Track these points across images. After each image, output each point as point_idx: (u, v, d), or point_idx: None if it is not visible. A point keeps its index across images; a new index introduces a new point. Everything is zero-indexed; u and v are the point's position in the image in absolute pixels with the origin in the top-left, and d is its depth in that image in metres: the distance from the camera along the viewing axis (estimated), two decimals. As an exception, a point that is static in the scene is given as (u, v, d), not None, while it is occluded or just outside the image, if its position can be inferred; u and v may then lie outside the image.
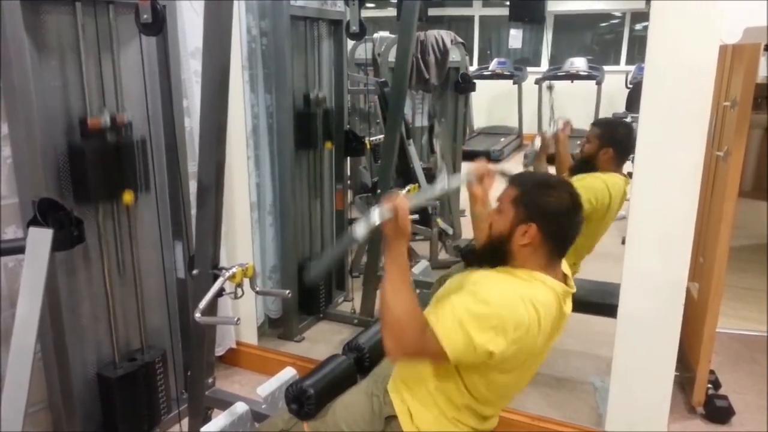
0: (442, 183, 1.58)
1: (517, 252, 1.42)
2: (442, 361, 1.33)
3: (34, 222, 1.72)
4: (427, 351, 1.33)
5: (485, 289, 1.34)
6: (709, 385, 2.57)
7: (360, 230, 1.32)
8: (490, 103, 8.44)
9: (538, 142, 2.55)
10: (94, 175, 2.01)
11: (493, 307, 1.30)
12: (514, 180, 1.49)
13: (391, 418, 1.51)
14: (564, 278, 1.48)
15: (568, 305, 1.46)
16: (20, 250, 1.57)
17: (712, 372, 2.61)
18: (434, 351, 1.31)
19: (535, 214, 1.40)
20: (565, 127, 2.61)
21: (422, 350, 1.33)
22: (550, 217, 1.40)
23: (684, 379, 2.66)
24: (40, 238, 1.49)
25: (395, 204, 1.34)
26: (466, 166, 4.66)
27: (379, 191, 3.21)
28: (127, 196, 2.14)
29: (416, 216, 3.62)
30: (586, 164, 2.54)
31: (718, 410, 2.51)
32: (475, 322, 1.29)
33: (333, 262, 1.31)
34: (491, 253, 1.47)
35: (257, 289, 1.96)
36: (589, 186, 2.38)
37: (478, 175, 1.68)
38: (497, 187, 1.62)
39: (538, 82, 7.73)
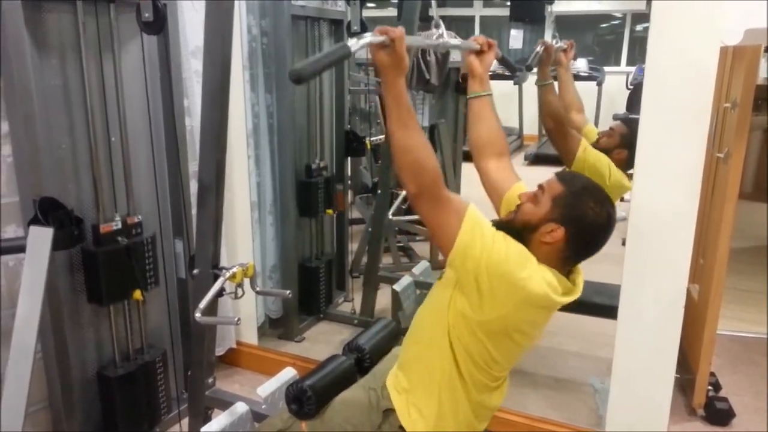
0: (442, 35, 1.53)
1: (535, 246, 1.39)
2: (453, 229, 1.31)
3: (34, 221, 1.73)
4: (448, 199, 1.33)
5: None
6: (710, 387, 2.57)
7: (354, 43, 1.24)
8: (491, 103, 8.42)
9: (541, 48, 2.46)
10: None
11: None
12: (563, 177, 1.44)
13: (389, 411, 1.50)
14: (573, 274, 1.46)
15: (571, 296, 1.42)
16: (21, 249, 1.57)
17: (712, 374, 2.61)
18: (457, 203, 1.33)
19: (568, 219, 1.37)
20: (569, 49, 2.53)
21: (443, 195, 1.33)
22: (582, 228, 1.38)
23: (684, 381, 2.65)
24: (41, 237, 1.49)
25: (392, 31, 1.29)
26: (466, 167, 4.66)
27: (379, 191, 3.21)
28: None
29: (416, 216, 3.62)
30: None
31: (718, 412, 2.51)
32: (491, 236, 1.32)
33: (324, 68, 1.24)
34: (510, 233, 1.42)
35: (257, 289, 1.96)
36: (599, 162, 2.34)
37: (479, 43, 1.66)
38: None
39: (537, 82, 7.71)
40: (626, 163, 2.46)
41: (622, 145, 2.40)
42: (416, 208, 1.38)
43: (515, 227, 1.42)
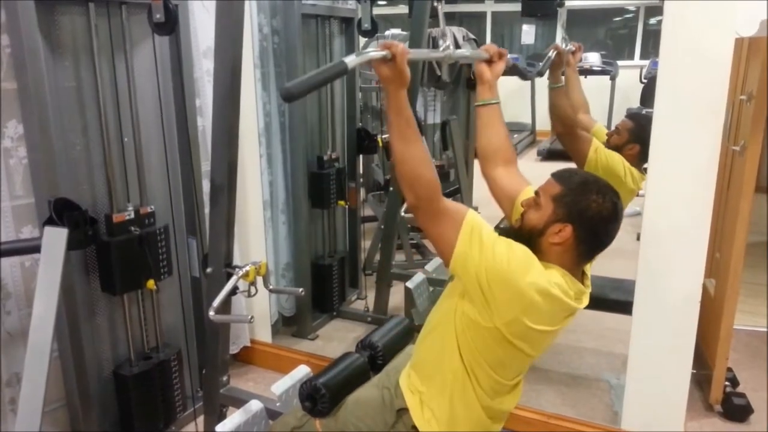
0: (448, 47, 1.51)
1: (546, 249, 1.38)
2: (450, 239, 1.32)
3: (49, 221, 1.75)
4: (445, 210, 1.33)
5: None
6: (727, 383, 2.54)
7: (352, 59, 1.25)
8: (503, 99, 8.25)
9: (552, 53, 2.46)
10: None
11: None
12: (559, 176, 1.43)
13: (403, 411, 1.50)
14: (582, 277, 1.45)
15: (583, 302, 1.43)
16: (36, 249, 1.59)
17: (729, 369, 2.59)
18: (454, 213, 1.33)
19: (573, 216, 1.35)
20: (577, 51, 2.54)
21: (440, 207, 1.33)
22: (589, 222, 1.36)
23: (701, 377, 2.63)
24: (56, 238, 1.50)
25: (394, 46, 1.29)
26: (478, 164, 4.65)
27: (391, 188, 3.21)
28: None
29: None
30: None
31: (736, 408, 2.48)
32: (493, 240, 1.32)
33: (317, 85, 1.24)
34: (518, 240, 1.40)
35: (270, 287, 1.97)
36: (612, 161, 2.33)
37: (489, 53, 1.64)
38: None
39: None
40: (640, 158, 2.44)
41: (632, 140, 2.39)
42: (416, 219, 1.38)
43: (523, 235, 1.41)
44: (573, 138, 2.35)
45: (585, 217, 1.35)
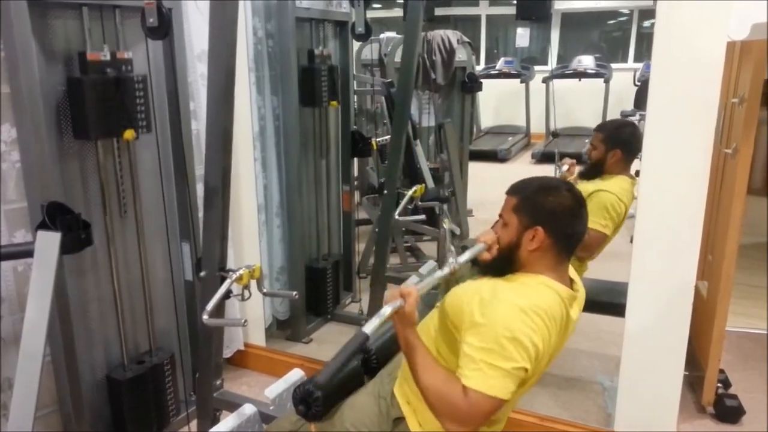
0: (452, 262, 1.54)
1: (527, 258, 1.43)
2: (501, 406, 1.31)
3: (42, 225, 1.74)
4: (484, 409, 1.29)
5: (491, 317, 1.32)
6: (719, 385, 2.55)
7: (370, 326, 1.30)
8: (498, 102, 8.42)
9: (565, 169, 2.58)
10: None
11: (501, 330, 1.29)
12: (512, 189, 1.49)
13: (399, 420, 1.51)
14: (570, 283, 1.47)
15: (575, 310, 1.45)
16: (29, 253, 1.59)
17: (721, 371, 2.60)
18: (490, 405, 1.28)
19: (539, 218, 1.41)
20: (571, 168, 2.61)
21: (478, 413, 1.29)
22: (555, 218, 1.40)
23: (693, 379, 2.64)
24: (49, 242, 1.50)
25: (404, 293, 1.35)
26: (473, 166, 4.66)
27: (385, 192, 3.21)
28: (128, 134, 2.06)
29: (422, 216, 3.62)
30: (594, 169, 2.51)
31: (728, 410, 2.49)
32: (497, 354, 1.28)
33: (346, 364, 1.29)
34: (501, 264, 1.47)
35: (264, 290, 1.96)
36: (601, 204, 2.37)
37: (487, 244, 1.58)
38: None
39: (545, 80, 7.71)
40: (626, 160, 2.47)
41: (610, 147, 2.45)
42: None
43: (505, 256, 1.46)
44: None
45: (549, 215, 1.41)
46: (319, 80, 3.02)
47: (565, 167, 2.60)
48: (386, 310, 1.34)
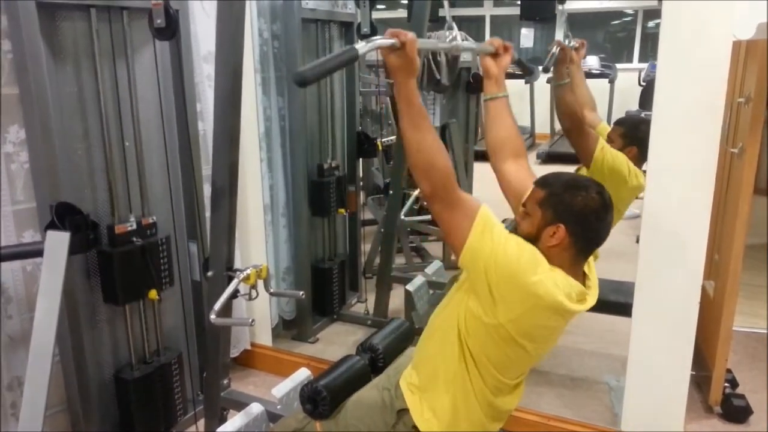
0: (455, 38, 1.51)
1: (544, 252, 1.39)
2: (464, 230, 1.33)
3: (51, 225, 1.75)
4: (460, 200, 1.34)
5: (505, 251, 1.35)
6: (726, 384, 2.54)
7: (362, 46, 1.26)
8: (502, 102, 8.40)
9: (556, 49, 2.48)
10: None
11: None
12: (541, 181, 1.46)
13: (403, 411, 1.51)
14: (584, 278, 1.46)
15: (587, 303, 1.42)
16: (38, 253, 1.59)
17: (729, 371, 2.59)
18: (469, 204, 1.34)
19: (563, 215, 1.37)
20: (581, 48, 2.54)
21: (455, 197, 1.34)
22: (579, 218, 1.37)
23: (700, 379, 2.63)
24: (58, 241, 1.50)
25: (403, 34, 1.31)
26: (478, 167, 4.65)
27: (391, 192, 3.22)
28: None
29: (428, 216, 3.62)
30: None
31: (735, 409, 2.48)
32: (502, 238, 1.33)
33: (329, 71, 1.25)
34: None
35: (271, 290, 1.97)
36: (617, 160, 2.33)
37: (495, 46, 1.65)
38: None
39: (550, 81, 7.69)
40: (640, 159, 2.45)
41: (627, 143, 2.40)
42: (430, 208, 1.40)
43: None
44: (581, 134, 2.33)
45: (574, 213, 1.37)
46: (327, 192, 3.14)
47: (574, 43, 2.50)
48: (379, 39, 1.28)
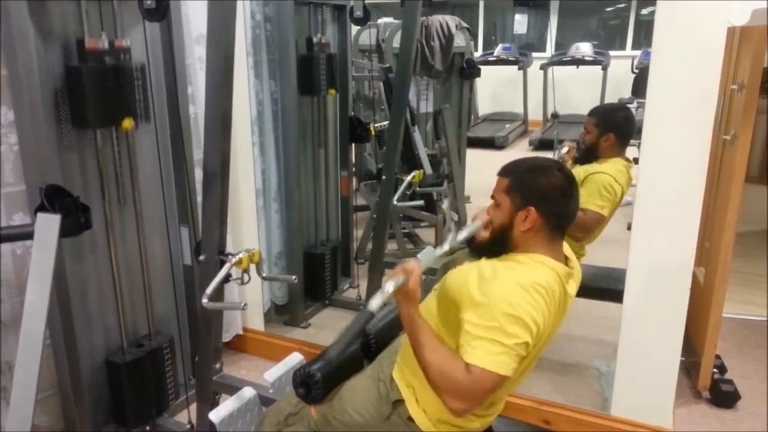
0: (452, 239, 1.54)
1: (520, 238, 1.44)
2: (502, 383, 1.31)
3: (41, 208, 1.73)
4: (486, 386, 1.29)
5: (491, 294, 1.32)
6: (715, 370, 2.57)
7: (375, 302, 1.31)
8: (495, 89, 8.41)
9: (565, 151, 2.61)
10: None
11: (502, 307, 1.30)
12: (504, 170, 1.49)
13: (398, 402, 1.52)
14: (566, 260, 1.48)
15: (572, 286, 1.46)
16: (29, 236, 1.58)
17: (717, 357, 2.62)
18: (492, 381, 1.28)
19: (531, 198, 1.41)
20: (570, 151, 2.63)
21: (480, 389, 1.30)
22: (547, 198, 1.41)
23: (690, 364, 2.66)
24: (48, 224, 1.49)
25: (407, 270, 1.36)
26: (470, 153, 4.65)
27: (383, 178, 3.21)
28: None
29: (421, 202, 3.62)
30: (588, 153, 2.53)
31: (723, 395, 2.51)
32: (498, 331, 1.28)
33: (353, 341, 1.31)
34: (495, 245, 1.48)
35: (264, 274, 1.97)
36: (597, 185, 2.40)
37: (484, 222, 1.58)
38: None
39: (543, 67, 7.68)
40: (620, 144, 2.49)
41: (603, 131, 2.48)
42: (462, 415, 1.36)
43: (497, 237, 1.47)
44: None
45: (540, 194, 1.41)
46: (318, 68, 3.00)
47: (564, 149, 2.61)
48: (389, 286, 1.34)
